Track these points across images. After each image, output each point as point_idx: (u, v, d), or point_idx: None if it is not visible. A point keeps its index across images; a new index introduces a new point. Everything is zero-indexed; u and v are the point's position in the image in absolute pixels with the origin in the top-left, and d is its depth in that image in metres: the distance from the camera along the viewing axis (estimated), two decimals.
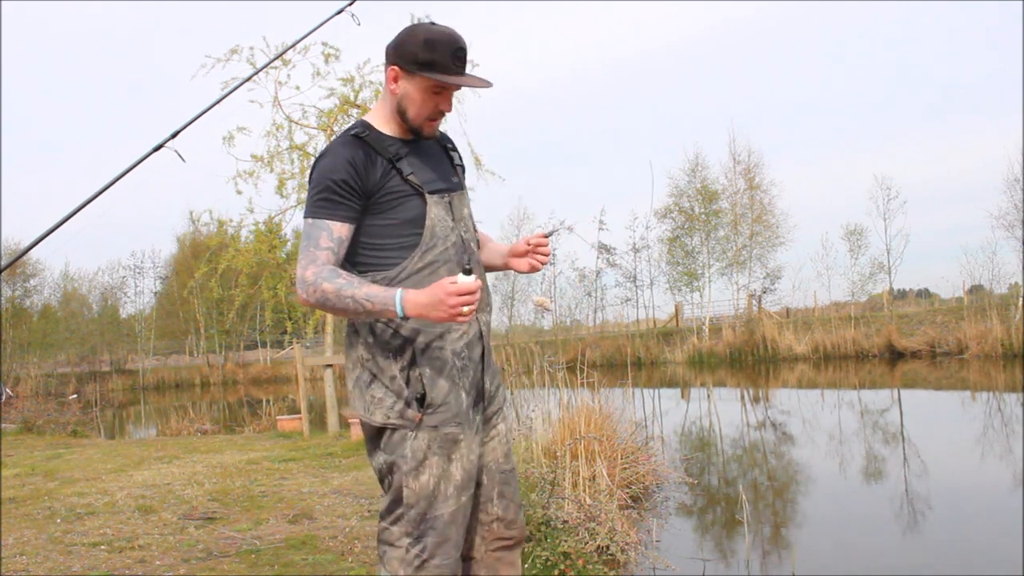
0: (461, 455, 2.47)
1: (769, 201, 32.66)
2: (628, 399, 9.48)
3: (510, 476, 2.64)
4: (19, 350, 41.37)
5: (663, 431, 11.71)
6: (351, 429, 11.04)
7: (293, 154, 12.88)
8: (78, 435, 15.81)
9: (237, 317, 29.78)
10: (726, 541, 6.03)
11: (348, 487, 7.41)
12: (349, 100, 12.62)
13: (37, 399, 23.93)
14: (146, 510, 6.72)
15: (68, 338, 43.68)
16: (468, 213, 2.63)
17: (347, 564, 4.84)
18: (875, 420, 12.75)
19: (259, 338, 45.07)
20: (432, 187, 2.52)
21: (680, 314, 36.49)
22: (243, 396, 29.55)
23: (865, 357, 25.37)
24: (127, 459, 10.33)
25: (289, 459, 9.48)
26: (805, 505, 7.18)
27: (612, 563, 4.93)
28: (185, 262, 40.38)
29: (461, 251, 2.54)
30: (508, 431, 2.65)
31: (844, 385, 19.14)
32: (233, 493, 7.35)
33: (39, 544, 5.70)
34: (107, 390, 37.61)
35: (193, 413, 17.72)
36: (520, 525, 2.67)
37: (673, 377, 25.44)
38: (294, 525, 5.97)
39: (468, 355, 2.52)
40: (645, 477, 7.21)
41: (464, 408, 2.48)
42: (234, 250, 12.97)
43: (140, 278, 47.42)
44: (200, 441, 12.85)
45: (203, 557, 5.16)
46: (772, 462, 9.55)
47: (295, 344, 17.49)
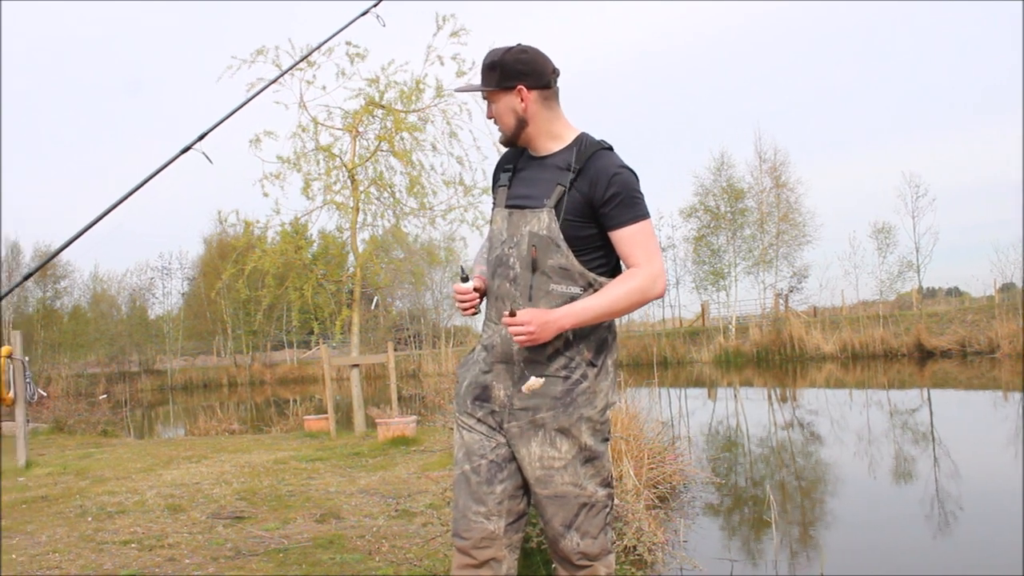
0: (461, 430, 2.75)
1: (796, 199, 32.45)
2: (654, 399, 9.45)
3: (545, 503, 2.62)
4: (50, 351, 41.86)
5: (690, 431, 11.67)
6: (378, 429, 11.07)
7: (319, 155, 12.92)
8: (108, 435, 15.95)
9: (264, 318, 29.98)
10: (753, 541, 5.99)
11: (375, 486, 7.43)
12: (374, 101, 12.64)
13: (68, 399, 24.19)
14: (175, 509, 6.77)
15: (98, 339, 44.05)
16: (530, 232, 2.59)
17: (375, 563, 4.85)
18: (904, 420, 12.63)
19: (286, 338, 45.31)
20: (511, 201, 2.70)
21: (706, 313, 36.34)
22: (270, 396, 29.73)
23: (894, 356, 25.15)
24: (156, 458, 10.41)
25: (316, 459, 9.52)
26: (834, 506, 7.13)
27: (639, 563, 4.91)
28: (212, 263, 40.59)
29: (497, 265, 2.68)
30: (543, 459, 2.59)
31: (872, 385, 18.99)
32: (261, 492, 7.39)
33: (71, 542, 5.76)
34: (136, 390, 37.95)
35: (221, 413, 17.83)
36: (562, 552, 2.65)
37: (700, 377, 25.34)
38: (321, 524, 5.99)
39: (485, 356, 2.71)
40: (672, 477, 7.18)
41: (461, 393, 2.77)
42: (261, 251, 13.02)
43: (168, 279, 47.72)
44: (228, 441, 12.93)
45: (232, 556, 5.19)
46: (800, 462, 9.48)
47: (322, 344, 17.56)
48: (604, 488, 2.65)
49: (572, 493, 2.59)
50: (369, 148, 12.98)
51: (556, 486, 2.59)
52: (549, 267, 2.57)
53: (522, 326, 2.48)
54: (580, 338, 2.59)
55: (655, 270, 2.56)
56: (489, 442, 2.67)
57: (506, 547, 2.65)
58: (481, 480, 2.65)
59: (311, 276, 13.41)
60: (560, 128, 2.69)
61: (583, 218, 2.58)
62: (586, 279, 2.58)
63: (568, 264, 2.57)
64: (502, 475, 2.65)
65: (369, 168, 13.01)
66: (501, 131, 2.73)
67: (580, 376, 2.59)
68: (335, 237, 14.71)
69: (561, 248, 2.56)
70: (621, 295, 2.54)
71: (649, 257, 2.57)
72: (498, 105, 2.68)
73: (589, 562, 2.64)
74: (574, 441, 2.58)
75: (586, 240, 2.59)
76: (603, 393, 2.63)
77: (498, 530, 2.63)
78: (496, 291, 2.69)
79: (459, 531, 2.67)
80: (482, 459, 2.66)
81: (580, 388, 2.58)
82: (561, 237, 2.56)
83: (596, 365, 2.62)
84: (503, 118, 2.69)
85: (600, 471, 2.63)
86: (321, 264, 14.87)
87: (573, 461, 2.59)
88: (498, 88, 2.65)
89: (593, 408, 2.59)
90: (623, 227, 2.57)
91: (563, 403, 2.57)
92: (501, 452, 2.66)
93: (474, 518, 2.64)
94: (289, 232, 13.23)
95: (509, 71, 2.63)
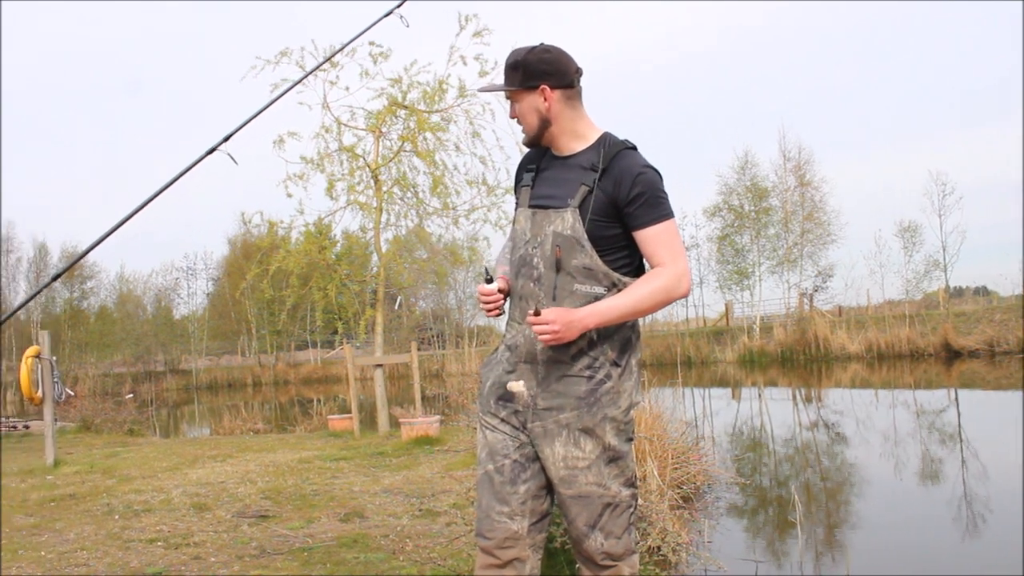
0: (484, 429, 2.74)
1: (820, 198, 32.21)
2: (678, 398, 9.42)
3: (569, 503, 2.62)
4: (77, 350, 42.29)
5: (714, 431, 11.62)
6: (401, 428, 11.10)
7: (342, 156, 12.96)
8: (134, 434, 16.08)
9: (288, 318, 30.05)
10: (778, 542, 5.96)
11: (399, 486, 7.45)
12: (397, 101, 12.67)
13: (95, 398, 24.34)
14: (201, 508, 6.82)
15: (124, 339, 44.46)
16: (554, 231, 2.59)
17: (398, 563, 4.86)
18: (931, 421, 12.52)
19: (310, 338, 45.50)
20: (534, 202, 2.70)
21: (730, 313, 36.18)
22: (294, 396, 29.88)
23: (920, 356, 24.93)
24: (182, 457, 10.49)
25: (340, 458, 9.55)
26: (859, 507, 7.07)
27: (664, 564, 4.90)
28: (236, 263, 40.83)
29: (521, 265, 2.68)
30: (566, 459, 2.58)
31: (899, 385, 18.83)
32: (285, 491, 7.43)
33: (98, 539, 5.81)
34: (162, 390, 38.29)
35: (245, 413, 17.93)
36: (586, 552, 2.64)
37: (723, 376, 25.23)
38: (346, 524, 6.01)
39: (509, 356, 2.71)
40: (696, 477, 7.15)
41: (485, 392, 2.76)
42: (285, 251, 13.07)
43: (193, 280, 48.07)
44: (253, 440, 13.01)
45: (256, 554, 5.22)
46: (825, 463, 9.42)
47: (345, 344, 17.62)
48: (628, 488, 2.64)
49: (596, 493, 2.58)
50: (392, 148, 13.02)
51: (580, 486, 2.58)
52: (573, 267, 2.57)
53: (547, 325, 2.47)
54: (604, 338, 2.58)
55: (679, 269, 2.56)
56: (512, 442, 2.66)
57: (530, 547, 2.64)
58: (504, 480, 2.64)
59: (335, 276, 13.45)
60: (584, 128, 2.68)
61: (607, 218, 2.57)
62: (610, 279, 2.57)
63: (592, 264, 2.56)
64: (525, 475, 2.64)
65: (392, 168, 13.05)
66: (524, 131, 2.72)
67: (604, 376, 2.58)
68: (359, 237, 14.76)
69: (585, 248, 2.55)
70: (645, 294, 2.53)
71: (674, 257, 2.56)
72: (521, 105, 2.67)
73: (613, 562, 2.63)
74: (598, 441, 2.57)
75: (610, 240, 2.58)
76: (627, 393, 2.62)
77: (521, 530, 2.63)
78: (520, 291, 2.68)
79: (482, 531, 2.66)
80: (505, 459, 2.66)
81: (604, 388, 2.57)
82: (585, 237, 2.55)
83: (620, 365, 2.61)
84: (526, 118, 2.68)
85: (624, 471, 2.63)
86: (345, 264, 14.92)
87: (597, 461, 2.58)
88: (521, 88, 2.65)
89: (617, 408, 2.59)
90: (647, 227, 2.56)
91: (587, 403, 2.56)
92: (525, 452, 2.65)
93: (497, 518, 2.63)
94: (313, 232, 13.27)
95: (532, 71, 2.63)
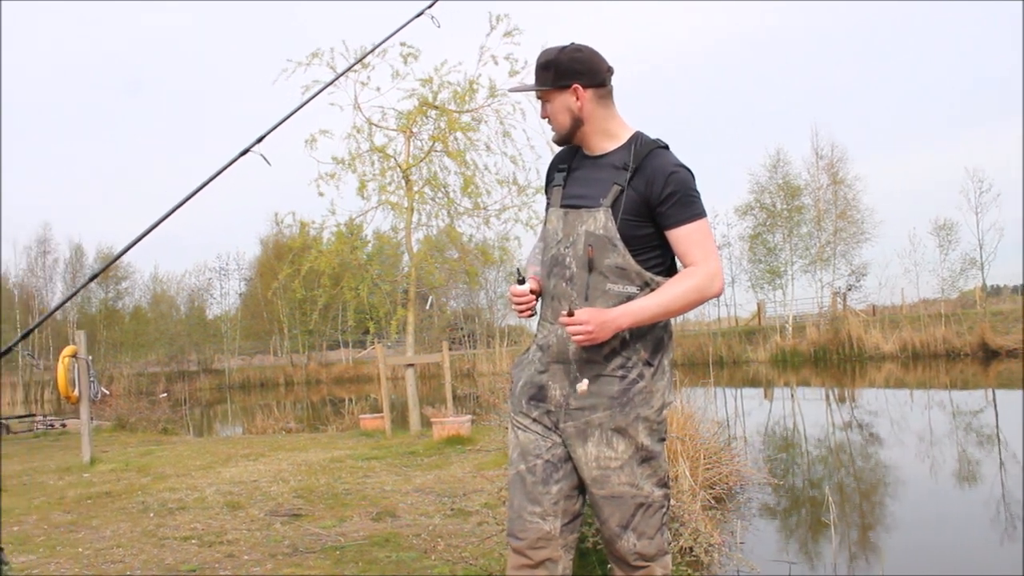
0: (516, 430, 2.72)
1: (854, 196, 31.92)
2: (710, 398, 9.37)
3: (601, 503, 2.61)
4: (112, 350, 42.82)
5: (746, 431, 11.54)
6: (433, 428, 11.12)
7: (373, 156, 13.00)
8: (168, 432, 16.24)
9: (320, 317, 30.24)
10: (811, 543, 5.91)
11: (430, 485, 7.47)
12: (428, 101, 12.69)
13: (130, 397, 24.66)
14: (234, 506, 6.87)
15: (158, 338, 44.95)
16: (586, 231, 2.58)
17: (430, 562, 4.87)
18: (968, 421, 12.36)
19: (341, 338, 45.72)
20: (566, 201, 2.69)
21: (762, 312, 35.93)
22: (326, 395, 30.05)
23: (957, 356, 24.62)
24: (215, 456, 10.58)
25: (372, 457, 9.59)
26: (894, 508, 7.00)
27: (696, 564, 4.87)
28: (269, 264, 41.16)
29: (553, 265, 2.67)
30: (599, 459, 2.57)
31: (934, 385, 18.61)
32: (317, 490, 7.47)
33: (134, 537, 5.88)
34: (195, 389, 38.68)
35: (278, 412, 18.06)
36: (619, 553, 2.63)
37: (756, 376, 25.06)
38: (377, 523, 6.03)
39: (541, 356, 2.70)
40: (728, 478, 7.11)
41: (516, 393, 2.75)
42: (316, 251, 13.14)
43: (225, 280, 48.48)
44: (285, 439, 13.09)
45: (289, 553, 5.25)
46: (859, 463, 9.33)
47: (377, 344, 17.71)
48: (660, 488, 2.62)
49: (629, 493, 2.57)
50: (423, 148, 13.04)
51: (612, 486, 2.57)
52: (606, 266, 2.56)
53: (580, 325, 2.46)
54: (637, 337, 2.57)
55: (712, 269, 2.54)
56: (544, 442, 2.65)
57: (562, 547, 2.63)
58: (537, 480, 2.64)
59: (366, 276, 13.50)
60: (615, 127, 2.67)
61: (640, 217, 2.56)
62: (643, 279, 2.56)
63: (625, 264, 2.55)
64: (558, 475, 2.63)
65: (423, 168, 13.07)
66: (555, 130, 2.71)
67: (637, 376, 2.57)
68: (390, 237, 14.80)
69: (618, 248, 2.55)
70: (678, 294, 2.53)
71: (706, 256, 2.55)
72: (553, 104, 2.66)
73: (645, 563, 2.62)
74: (631, 441, 2.56)
75: (643, 239, 2.57)
76: (660, 393, 2.61)
77: (554, 530, 2.62)
78: (552, 291, 2.67)
79: (514, 531, 2.65)
80: (537, 459, 2.65)
81: (637, 388, 2.56)
82: (618, 236, 2.54)
83: (653, 365, 2.60)
84: (558, 117, 2.67)
85: (657, 471, 2.61)
86: (376, 264, 14.98)
87: (630, 461, 2.57)
88: (553, 87, 2.64)
89: (650, 408, 2.58)
90: (680, 226, 2.55)
91: (620, 403, 2.55)
92: (557, 452, 2.64)
93: (529, 518, 2.62)
94: (344, 233, 13.33)
95: (564, 70, 2.62)
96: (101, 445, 12.60)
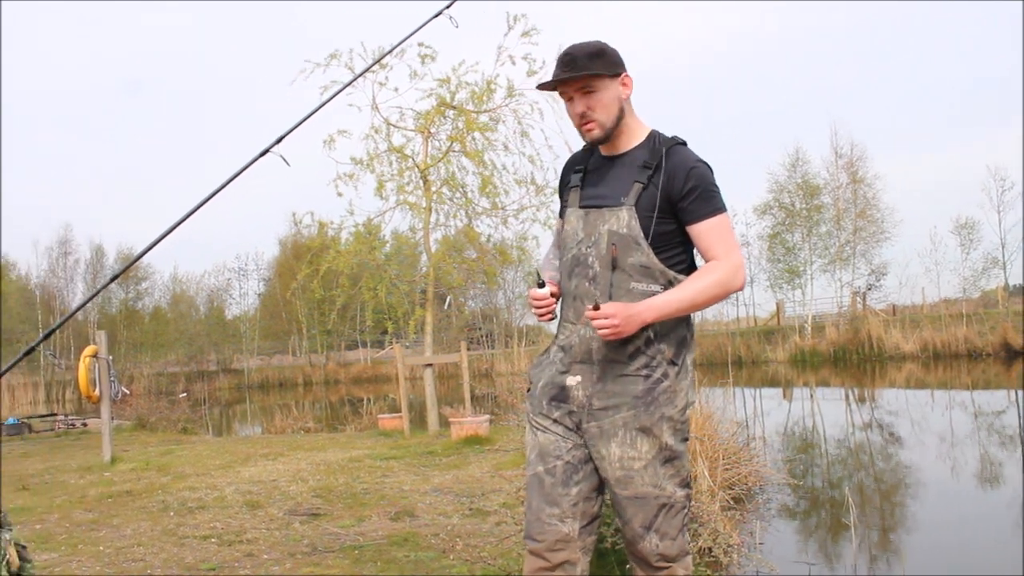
0: (535, 431, 2.70)
1: (873, 195, 31.65)
2: (729, 398, 9.33)
3: (625, 503, 2.58)
4: (132, 350, 43.10)
5: (765, 431, 11.48)
6: (451, 428, 11.13)
7: (391, 156, 13.03)
8: (188, 432, 16.33)
9: (338, 317, 30.29)
10: (831, 544, 5.87)
11: (449, 485, 7.47)
12: (446, 101, 12.71)
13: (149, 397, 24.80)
14: (253, 505, 6.90)
15: (177, 338, 45.23)
16: (608, 230, 2.56)
17: (448, 562, 4.87)
18: (990, 422, 12.25)
19: (360, 338, 45.81)
20: (584, 202, 2.66)
21: (781, 312, 35.76)
22: (344, 395, 30.13)
23: (978, 356, 24.42)
24: (234, 456, 10.63)
25: (390, 457, 9.61)
26: (915, 509, 6.95)
27: (715, 565, 4.85)
28: (287, 264, 41.24)
29: (574, 265, 2.64)
30: (623, 459, 2.55)
31: (956, 385, 18.47)
32: (336, 490, 7.49)
33: (154, 535, 5.92)
34: (214, 389, 38.84)
35: (296, 412, 18.12)
36: (641, 554, 2.61)
37: (775, 376, 24.95)
38: (396, 522, 6.04)
39: (562, 357, 2.68)
40: (747, 478, 7.07)
41: (537, 393, 2.72)
42: (335, 252, 13.18)
43: (244, 280, 48.61)
44: (304, 439, 13.14)
45: (308, 552, 5.27)
46: (879, 464, 9.26)
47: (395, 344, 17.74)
48: (683, 489, 2.61)
49: (652, 494, 2.56)
50: (441, 148, 13.06)
51: (636, 487, 2.56)
52: (629, 265, 2.55)
53: (607, 319, 2.44)
54: (661, 336, 2.57)
55: (735, 262, 2.54)
56: (565, 443, 2.63)
57: (580, 550, 2.61)
58: (556, 482, 2.62)
59: (385, 276, 13.52)
60: (635, 124, 2.66)
61: (662, 214, 2.55)
62: (666, 277, 2.55)
63: (649, 262, 2.54)
64: (577, 476, 2.62)
65: (441, 168, 13.09)
66: (602, 122, 2.59)
67: (661, 375, 2.56)
68: (408, 237, 14.84)
69: (642, 246, 2.54)
70: (702, 288, 2.52)
71: (728, 250, 2.55)
72: (604, 93, 2.58)
73: (667, 563, 2.60)
74: (655, 441, 2.54)
75: (665, 237, 2.56)
76: (683, 392, 2.60)
77: (572, 532, 2.60)
78: (574, 291, 2.64)
79: (532, 534, 2.63)
80: (557, 460, 2.63)
81: (661, 387, 2.55)
82: (642, 235, 2.53)
83: (677, 364, 2.59)
84: (610, 108, 2.60)
85: (679, 471, 2.60)
86: (394, 264, 14.99)
87: (653, 461, 2.55)
88: (609, 74, 2.58)
89: (674, 407, 2.56)
90: (702, 221, 2.54)
91: (644, 402, 2.54)
92: (577, 454, 2.62)
93: (548, 520, 2.60)
94: (362, 233, 13.36)
95: (613, 58, 2.59)
96: (121, 444, 12.69)
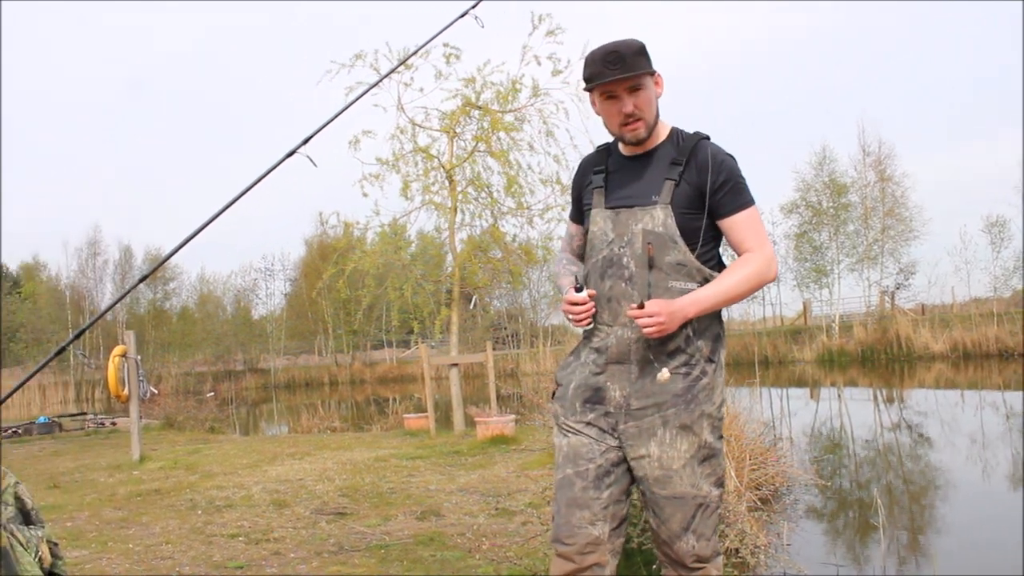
0: (566, 434, 2.67)
1: (902, 193, 31.32)
2: (755, 398, 9.27)
3: (663, 503, 2.57)
4: (160, 350, 43.50)
5: (792, 432, 11.41)
6: (477, 427, 11.14)
7: (417, 156, 13.06)
8: (215, 431, 16.45)
9: (364, 317, 30.38)
10: (859, 546, 5.83)
11: (474, 485, 7.48)
12: (471, 101, 12.72)
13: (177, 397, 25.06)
14: (280, 504, 6.94)
15: (204, 338, 45.53)
16: (643, 229, 2.54)
17: (474, 561, 4.88)
18: (1022, 423, 12.10)
19: (385, 338, 45.95)
20: (612, 202, 2.63)
21: (808, 311, 35.51)
22: (370, 395, 30.23)
23: (1010, 356, 24.11)
24: (261, 455, 10.69)
25: (416, 457, 9.63)
26: (944, 511, 6.87)
27: (742, 566, 4.82)
28: (313, 264, 41.42)
29: (607, 266, 2.61)
30: (662, 459, 2.54)
31: (986, 386, 18.26)
32: (362, 489, 7.52)
33: (182, 534, 5.96)
34: (241, 388, 39.11)
35: (323, 411, 18.19)
36: (677, 554, 2.59)
37: (802, 376, 24.77)
38: (422, 522, 6.05)
39: (596, 358, 2.65)
40: (774, 479, 7.03)
41: (569, 396, 2.68)
42: (360, 252, 13.23)
43: (271, 280, 48.88)
44: (330, 438, 13.19)
45: (334, 551, 5.29)
46: (908, 465, 9.18)
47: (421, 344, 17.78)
48: (718, 488, 2.61)
49: (690, 494, 2.55)
50: (466, 148, 13.07)
51: (675, 486, 2.55)
52: (666, 263, 2.54)
53: (651, 317, 2.44)
54: (698, 334, 2.57)
55: (768, 254, 2.56)
56: (598, 446, 2.62)
57: (609, 552, 2.59)
58: (588, 484, 2.60)
59: (410, 276, 13.56)
60: (659, 123, 2.66)
61: (694, 209, 2.55)
62: (703, 274, 2.56)
63: (685, 259, 2.54)
64: (609, 479, 2.60)
65: (467, 168, 13.10)
66: (647, 121, 2.58)
67: (700, 372, 2.56)
68: (433, 237, 14.87)
69: (678, 244, 2.53)
70: (739, 280, 2.52)
71: (761, 242, 2.56)
72: (648, 92, 2.57)
73: (702, 564, 2.59)
74: (695, 438, 2.54)
75: (697, 233, 2.56)
76: (719, 388, 2.60)
77: (603, 535, 2.58)
78: (608, 293, 2.62)
79: (561, 536, 2.60)
80: (590, 464, 2.61)
81: (701, 384, 2.55)
82: (678, 232, 2.53)
83: (714, 361, 2.59)
84: (652, 106, 2.60)
85: (715, 470, 2.60)
86: (420, 264, 15.02)
87: (691, 461, 2.55)
88: (651, 73, 2.57)
89: (712, 404, 2.57)
90: (734, 213, 2.55)
91: (684, 400, 2.54)
92: (611, 456, 2.61)
93: (578, 523, 2.58)
94: (388, 233, 13.40)
95: (649, 58, 2.57)
96: (150, 443, 12.80)
